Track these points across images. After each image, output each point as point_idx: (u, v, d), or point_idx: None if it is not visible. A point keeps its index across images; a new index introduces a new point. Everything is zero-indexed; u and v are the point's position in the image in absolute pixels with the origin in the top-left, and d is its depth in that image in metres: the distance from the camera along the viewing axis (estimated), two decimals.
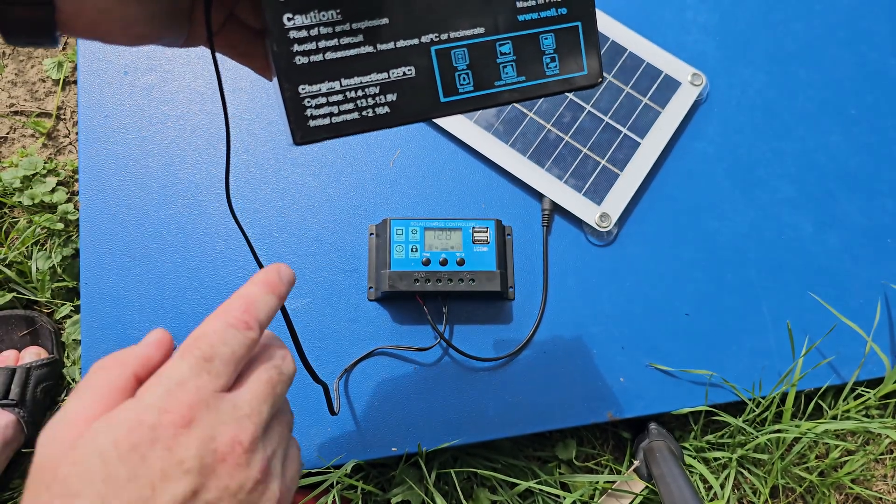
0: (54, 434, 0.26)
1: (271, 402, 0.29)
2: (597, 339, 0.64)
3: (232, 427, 0.27)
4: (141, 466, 0.24)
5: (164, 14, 0.29)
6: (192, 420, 0.26)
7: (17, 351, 0.71)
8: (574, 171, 0.67)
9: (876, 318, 0.68)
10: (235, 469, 0.26)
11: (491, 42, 0.31)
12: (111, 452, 0.24)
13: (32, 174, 0.75)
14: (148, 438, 0.25)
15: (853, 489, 0.69)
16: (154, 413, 0.25)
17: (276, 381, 0.30)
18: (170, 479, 0.25)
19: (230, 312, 0.29)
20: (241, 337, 0.29)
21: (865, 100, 0.75)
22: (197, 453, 0.25)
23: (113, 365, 0.29)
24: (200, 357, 0.27)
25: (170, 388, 0.26)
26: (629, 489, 0.64)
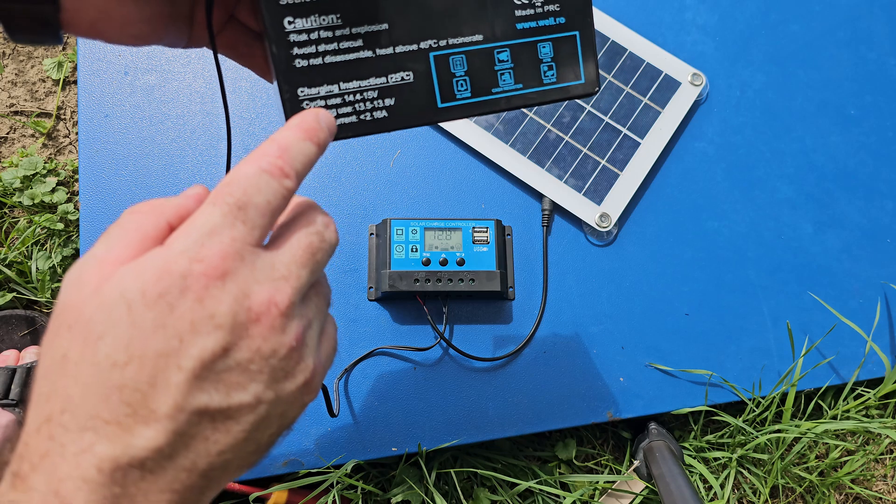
0: (80, 275, 0.25)
1: (311, 268, 0.27)
2: (596, 338, 0.64)
3: (267, 287, 0.25)
4: (169, 316, 0.23)
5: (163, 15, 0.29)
6: (225, 272, 0.24)
7: (18, 351, 0.71)
8: (574, 171, 0.67)
9: (876, 318, 0.68)
10: (270, 332, 0.25)
11: (489, 49, 0.31)
12: (138, 299, 0.23)
13: (32, 174, 0.75)
14: (177, 288, 0.23)
15: (853, 489, 0.69)
16: (184, 261, 0.24)
17: (316, 247, 0.27)
18: (199, 333, 0.23)
19: (264, 157, 0.26)
20: (276, 185, 0.26)
21: (864, 100, 0.75)
22: (230, 309, 0.24)
23: (147, 210, 0.27)
24: (234, 204, 0.25)
25: (201, 237, 0.24)
26: (629, 489, 0.64)
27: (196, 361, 0.23)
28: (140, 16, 0.28)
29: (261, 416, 0.25)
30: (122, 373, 0.23)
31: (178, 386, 0.23)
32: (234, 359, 0.24)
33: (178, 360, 0.23)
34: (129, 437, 0.23)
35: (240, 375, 0.24)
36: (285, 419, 0.27)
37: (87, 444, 0.22)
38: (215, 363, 0.24)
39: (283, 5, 0.28)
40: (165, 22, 0.30)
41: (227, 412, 0.24)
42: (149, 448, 0.23)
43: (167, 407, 0.23)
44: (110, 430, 0.23)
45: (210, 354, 0.23)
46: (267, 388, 0.25)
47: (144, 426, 0.23)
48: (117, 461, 0.22)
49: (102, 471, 0.22)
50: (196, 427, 0.24)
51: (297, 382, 0.26)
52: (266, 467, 0.58)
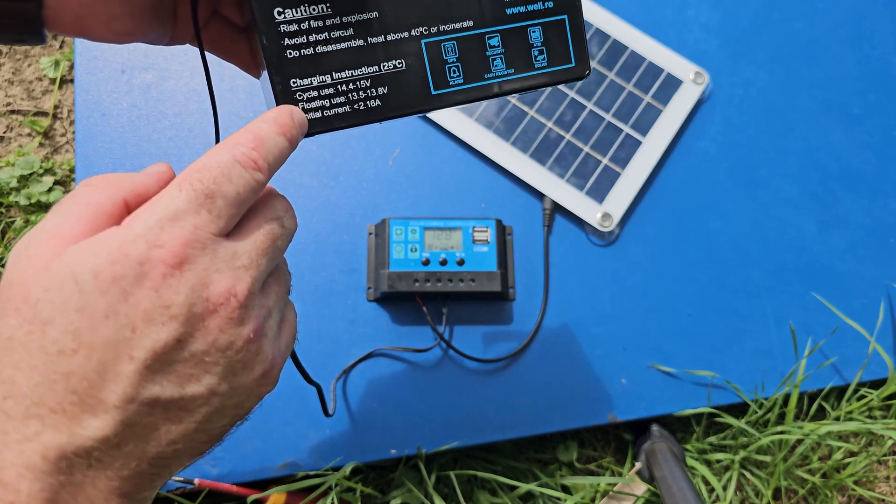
0: (27, 248, 0.24)
1: (271, 255, 0.26)
2: (598, 339, 0.64)
3: (227, 277, 0.24)
4: (122, 303, 0.22)
5: (147, 11, 0.29)
6: (184, 261, 0.23)
7: None
8: (575, 170, 0.67)
9: (879, 319, 0.67)
10: (227, 323, 0.24)
11: (480, 35, 0.31)
12: (90, 282, 0.22)
13: (29, 173, 0.74)
14: (133, 274, 0.22)
15: (856, 491, 0.68)
16: (142, 246, 0.23)
17: (277, 234, 0.27)
18: (153, 323, 0.22)
19: (238, 146, 0.25)
20: (247, 177, 0.25)
21: (868, 98, 0.75)
22: (186, 300, 0.23)
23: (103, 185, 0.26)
24: (201, 191, 0.24)
25: (162, 221, 0.23)
26: (631, 491, 0.63)
27: (148, 352, 0.23)
28: (123, 12, 0.28)
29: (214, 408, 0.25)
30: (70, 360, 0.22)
31: (129, 376, 0.22)
32: (188, 350, 0.23)
33: (130, 350, 0.22)
34: (75, 426, 0.22)
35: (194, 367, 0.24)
36: (240, 409, 0.27)
37: (31, 433, 0.22)
38: (169, 354, 0.23)
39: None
40: (149, 18, 0.29)
41: (180, 403, 0.24)
42: (96, 438, 0.22)
43: (116, 397, 0.22)
44: (56, 418, 0.22)
45: (163, 346, 0.23)
46: (222, 381, 0.25)
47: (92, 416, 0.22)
48: (62, 450, 0.22)
49: (47, 459, 0.22)
50: (147, 417, 0.23)
51: (255, 374, 0.26)
52: (264, 470, 0.57)
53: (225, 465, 0.57)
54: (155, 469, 0.24)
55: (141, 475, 0.24)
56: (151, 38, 0.31)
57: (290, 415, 0.59)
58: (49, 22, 0.27)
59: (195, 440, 0.25)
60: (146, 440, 0.24)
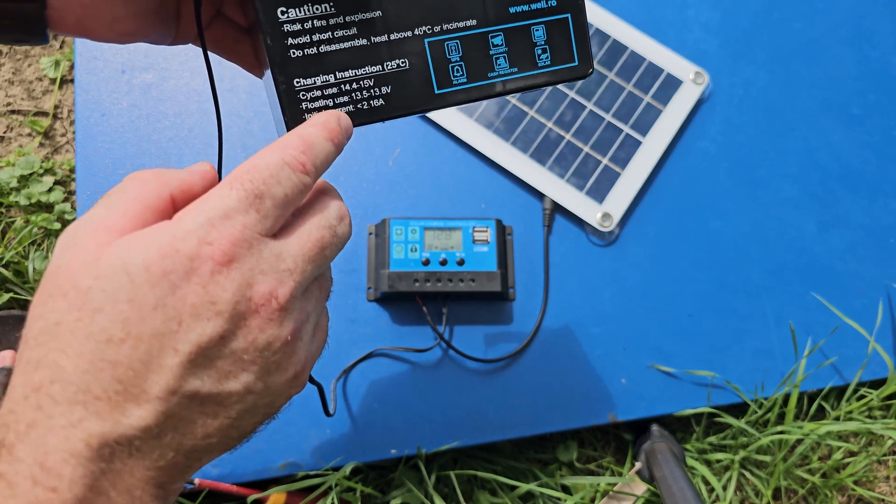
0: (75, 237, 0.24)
1: (317, 263, 0.27)
2: (598, 339, 0.64)
3: (271, 278, 0.25)
4: (170, 297, 0.23)
5: (150, 11, 0.29)
6: (232, 259, 0.23)
7: (14, 351, 0.70)
8: (575, 170, 0.67)
9: (878, 319, 0.67)
10: (267, 324, 0.24)
11: (483, 34, 0.31)
12: (141, 274, 0.22)
13: (29, 173, 0.74)
14: (183, 269, 0.23)
15: (856, 491, 0.68)
16: (193, 242, 0.23)
17: (327, 242, 0.27)
18: (199, 318, 0.23)
19: (287, 149, 0.26)
20: (295, 179, 0.26)
21: (868, 98, 0.75)
22: (232, 297, 0.23)
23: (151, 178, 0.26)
24: (251, 191, 0.24)
25: (213, 219, 0.24)
26: (631, 491, 0.63)
27: (193, 346, 0.23)
28: (126, 13, 0.28)
29: (248, 405, 0.25)
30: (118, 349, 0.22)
31: (173, 369, 0.23)
32: (229, 347, 0.24)
33: (176, 342, 0.23)
34: (118, 414, 0.22)
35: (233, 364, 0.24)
36: (271, 409, 0.27)
37: (76, 419, 0.22)
38: (211, 350, 0.23)
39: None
40: (152, 18, 0.29)
41: (217, 398, 0.24)
42: (138, 427, 0.23)
43: (159, 388, 0.23)
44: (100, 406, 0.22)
45: (207, 340, 0.23)
46: (258, 380, 0.25)
47: (135, 405, 0.23)
48: (105, 438, 0.22)
49: (90, 446, 0.22)
50: (185, 410, 0.24)
51: (287, 375, 0.27)
52: (264, 470, 0.57)
53: (225, 465, 0.57)
54: (188, 461, 0.25)
55: (176, 466, 0.24)
56: (154, 38, 0.31)
57: (291, 415, 0.59)
58: (52, 22, 0.27)
59: (228, 435, 0.26)
60: (183, 432, 0.24)
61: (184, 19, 0.31)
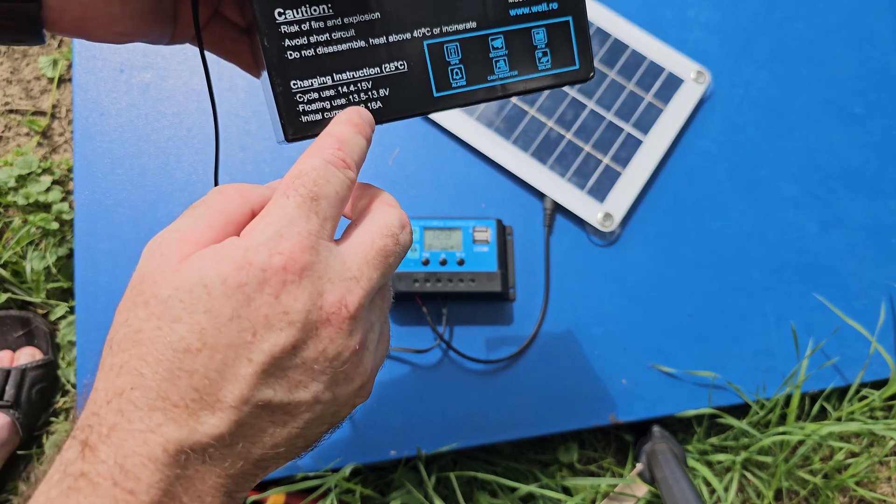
0: (160, 246, 0.25)
1: (382, 271, 0.27)
2: (599, 340, 0.64)
3: (340, 287, 0.25)
4: (245, 308, 0.23)
5: (148, 11, 0.29)
6: (302, 268, 0.24)
7: (12, 352, 0.70)
8: (576, 169, 0.66)
9: (880, 319, 0.67)
10: (337, 333, 0.25)
11: (483, 36, 0.31)
12: (217, 287, 0.23)
13: (27, 173, 0.74)
14: (256, 280, 0.23)
15: (857, 492, 0.68)
16: (265, 253, 0.24)
17: (390, 250, 0.27)
18: (272, 328, 0.24)
19: (325, 149, 0.27)
20: (341, 176, 0.27)
21: (869, 98, 0.74)
22: (304, 307, 0.24)
23: (234, 194, 0.27)
24: (307, 195, 0.25)
25: (280, 229, 0.24)
26: (631, 492, 0.63)
27: (266, 356, 0.24)
28: (124, 12, 0.28)
29: (316, 415, 0.26)
30: (194, 359, 0.23)
31: (246, 378, 0.23)
32: (300, 357, 0.24)
33: (249, 352, 0.23)
34: (194, 422, 0.23)
35: (304, 374, 0.25)
36: (336, 418, 0.28)
37: (154, 424, 0.23)
38: (283, 359, 0.24)
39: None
40: (149, 18, 0.29)
41: (287, 408, 0.25)
42: (212, 435, 0.23)
43: (233, 397, 0.23)
44: (177, 412, 0.23)
45: (280, 350, 0.24)
46: (326, 389, 0.26)
47: (210, 413, 0.23)
48: (182, 444, 0.23)
49: (167, 451, 0.23)
50: (257, 419, 0.24)
51: (354, 386, 0.27)
52: None
53: None
54: (256, 470, 0.25)
55: (244, 475, 0.25)
56: (152, 38, 0.31)
57: None
58: (49, 23, 0.27)
59: (295, 444, 0.26)
60: (253, 441, 0.25)
61: (181, 19, 0.31)
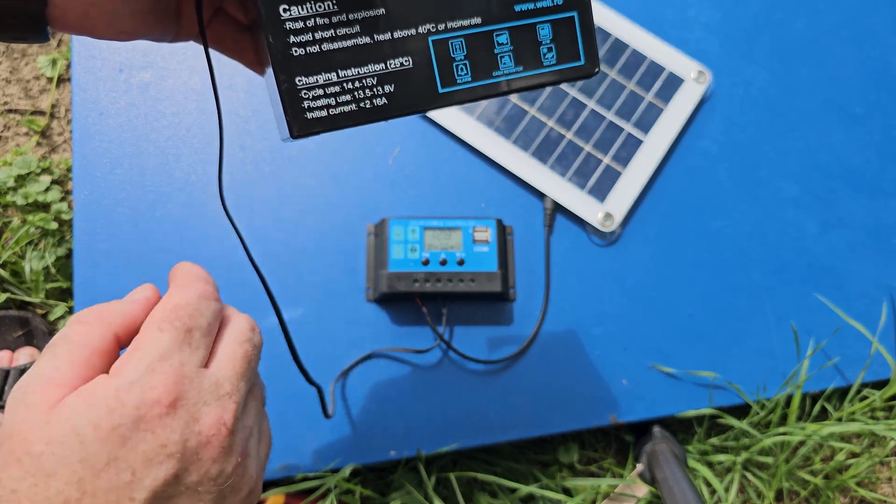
0: (24, 396, 0.25)
1: (248, 376, 0.28)
2: (599, 340, 0.64)
3: (215, 408, 0.26)
4: (121, 449, 0.23)
5: (151, 9, 0.29)
6: (176, 400, 0.25)
7: (11, 352, 0.70)
8: (577, 169, 0.66)
9: (882, 319, 0.67)
10: (218, 453, 0.26)
11: (488, 32, 0.31)
12: (90, 434, 0.23)
13: (26, 173, 0.74)
14: (130, 420, 0.24)
15: (858, 492, 0.68)
16: (137, 392, 0.24)
17: (251, 354, 0.29)
18: (152, 464, 0.24)
19: (197, 282, 0.29)
20: (213, 307, 0.28)
21: (870, 98, 0.74)
22: (181, 437, 0.24)
23: (94, 321, 0.27)
24: (181, 329, 0.26)
25: (151, 364, 0.25)
26: (632, 493, 0.63)
27: (148, 492, 0.24)
28: (128, 9, 0.28)
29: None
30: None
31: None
32: (184, 484, 0.25)
33: (131, 492, 0.23)
34: None
35: (190, 498, 0.25)
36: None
37: None
38: (166, 490, 0.24)
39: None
40: (153, 16, 0.29)
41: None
42: None
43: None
44: None
45: (162, 483, 0.24)
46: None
47: None
48: None
49: None
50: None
51: (242, 494, 0.27)
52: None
53: None
54: None
55: None
56: (155, 36, 0.30)
57: (289, 416, 0.58)
58: (53, 21, 0.27)
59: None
60: None
61: (184, 17, 0.31)
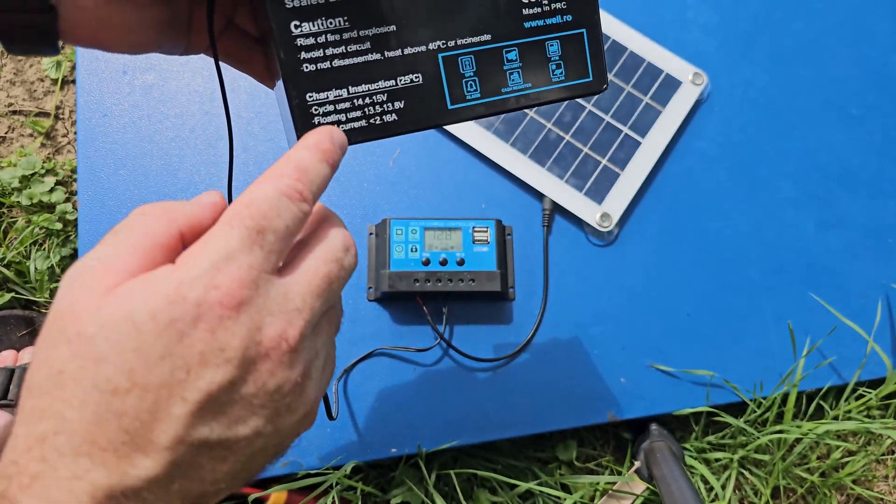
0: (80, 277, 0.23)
1: (325, 298, 0.26)
2: (597, 339, 0.64)
3: (280, 320, 0.24)
4: (177, 345, 0.22)
5: (163, 22, 0.29)
6: (240, 303, 0.23)
7: (16, 351, 0.70)
8: (575, 170, 0.67)
9: (877, 319, 0.68)
10: (277, 367, 0.24)
11: (498, 49, 0.31)
12: (146, 323, 0.22)
13: (31, 174, 0.74)
14: (190, 316, 0.22)
15: (854, 490, 0.69)
16: (200, 288, 0.22)
17: (334, 276, 0.26)
18: (208, 366, 0.22)
19: (281, 178, 0.25)
20: (294, 209, 0.25)
21: (867, 99, 0.75)
22: (241, 343, 0.23)
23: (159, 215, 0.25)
24: (252, 228, 0.24)
25: (217, 262, 0.23)
26: (630, 490, 0.63)
27: (202, 394, 0.22)
28: (139, 23, 0.28)
29: (258, 448, 0.25)
30: (123, 400, 0.22)
31: (181, 418, 0.22)
32: (239, 393, 0.23)
33: (183, 391, 0.22)
34: (125, 465, 0.22)
35: (242, 409, 0.24)
36: (280, 448, 0.27)
37: (81, 471, 0.21)
38: (220, 397, 0.23)
39: (289, 9, 0.28)
40: (164, 29, 0.29)
41: (226, 444, 0.24)
42: (145, 478, 0.22)
43: (167, 438, 0.22)
44: (106, 457, 0.22)
45: (216, 388, 0.23)
46: (267, 423, 0.25)
47: (142, 456, 0.22)
48: (112, 490, 0.22)
49: (95, 498, 0.21)
50: (194, 457, 0.23)
51: (297, 416, 0.26)
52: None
53: None
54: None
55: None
56: (166, 48, 0.31)
57: None
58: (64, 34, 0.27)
59: (236, 478, 0.25)
60: (191, 479, 0.23)
61: (195, 30, 0.31)
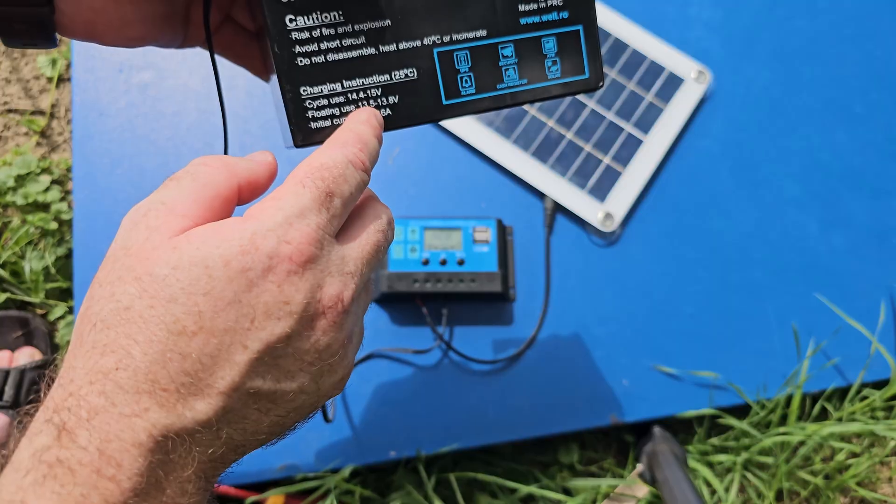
0: (146, 217, 0.24)
1: (372, 266, 0.27)
2: (599, 340, 0.63)
3: (338, 281, 0.25)
4: (246, 294, 0.23)
5: (160, 15, 0.29)
6: (307, 260, 0.24)
7: (11, 352, 0.70)
8: (577, 169, 0.66)
9: (881, 319, 0.67)
10: (330, 327, 0.25)
11: (493, 45, 0.31)
12: (219, 269, 0.22)
13: (26, 173, 0.74)
14: (261, 266, 0.23)
15: (858, 492, 0.68)
16: (272, 241, 0.23)
17: (381, 245, 0.28)
18: (271, 318, 0.23)
19: (347, 146, 0.26)
20: (359, 178, 0.26)
21: (871, 97, 0.74)
22: (304, 298, 0.24)
23: (220, 166, 0.26)
24: (324, 190, 0.25)
25: (290, 217, 0.24)
26: (632, 493, 0.63)
27: (262, 344, 0.23)
28: (136, 16, 0.28)
29: (298, 404, 0.26)
30: (189, 342, 0.22)
31: (240, 365, 0.23)
32: (293, 347, 0.24)
33: (246, 339, 0.23)
34: (182, 406, 0.22)
35: (294, 364, 0.24)
36: (314, 409, 0.27)
37: (140, 408, 0.22)
38: (277, 349, 0.24)
39: (284, 3, 0.27)
40: (161, 22, 0.29)
41: (273, 396, 0.24)
42: (199, 421, 0.23)
43: (225, 384, 0.23)
44: (166, 396, 0.22)
45: (276, 339, 0.23)
46: (312, 380, 0.25)
47: (199, 399, 0.23)
48: (168, 429, 0.22)
49: (153, 437, 0.22)
50: (243, 406, 0.24)
51: (336, 378, 0.27)
52: (262, 471, 0.57)
53: None
54: (234, 455, 0.25)
55: (223, 459, 0.25)
56: (163, 42, 0.30)
57: None
58: (61, 27, 0.27)
59: (272, 432, 0.26)
60: (236, 428, 0.24)
61: (192, 23, 0.31)
